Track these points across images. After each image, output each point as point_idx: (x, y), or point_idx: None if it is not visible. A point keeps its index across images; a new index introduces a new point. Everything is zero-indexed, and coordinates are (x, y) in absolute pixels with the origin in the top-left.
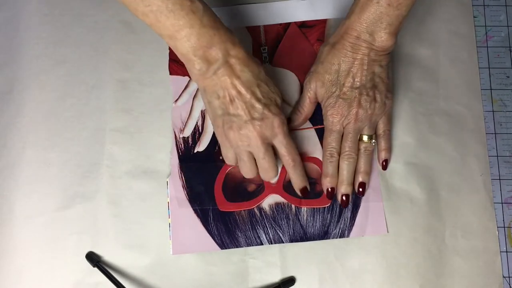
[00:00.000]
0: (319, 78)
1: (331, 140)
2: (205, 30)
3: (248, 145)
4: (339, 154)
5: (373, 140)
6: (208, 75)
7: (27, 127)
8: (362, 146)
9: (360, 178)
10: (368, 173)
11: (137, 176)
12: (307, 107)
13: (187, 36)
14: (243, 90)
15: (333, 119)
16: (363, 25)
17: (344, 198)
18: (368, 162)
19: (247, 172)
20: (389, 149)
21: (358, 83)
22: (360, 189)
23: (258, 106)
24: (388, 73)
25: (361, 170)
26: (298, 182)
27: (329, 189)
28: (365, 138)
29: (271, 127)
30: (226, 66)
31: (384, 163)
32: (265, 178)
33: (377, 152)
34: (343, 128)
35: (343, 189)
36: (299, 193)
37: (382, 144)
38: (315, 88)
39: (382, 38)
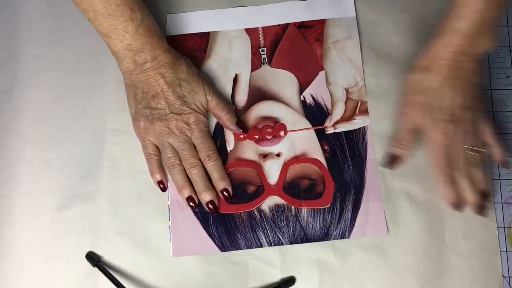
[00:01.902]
0: (419, 108)
1: (444, 163)
2: (138, 37)
3: (167, 134)
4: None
5: (483, 150)
6: (135, 73)
7: (27, 127)
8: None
9: (480, 187)
10: (485, 180)
11: (137, 176)
12: (410, 142)
13: (121, 38)
14: (165, 88)
15: (440, 141)
16: (464, 40)
17: (479, 207)
18: (479, 171)
19: (168, 159)
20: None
21: (461, 100)
22: (484, 201)
23: (176, 102)
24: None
25: (476, 181)
26: (216, 179)
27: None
28: (473, 150)
29: (187, 123)
30: (153, 68)
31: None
32: (187, 168)
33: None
34: (452, 147)
35: (471, 197)
36: (221, 194)
37: (496, 155)
38: (419, 119)
39: (485, 44)
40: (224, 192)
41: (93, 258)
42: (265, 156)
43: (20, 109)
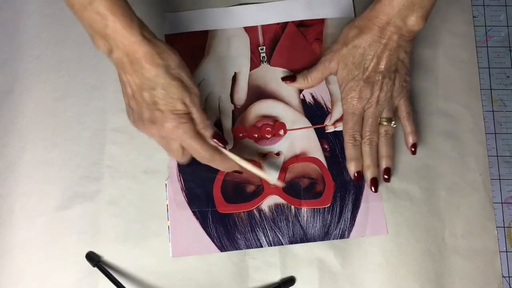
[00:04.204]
0: (342, 60)
1: (353, 123)
2: (97, 16)
3: (151, 136)
4: (362, 138)
5: (393, 123)
6: (112, 62)
7: (27, 127)
8: (383, 130)
9: (384, 164)
10: (392, 157)
11: (137, 176)
12: (315, 80)
13: (80, 14)
14: (138, 91)
15: (354, 102)
16: (395, 10)
17: (373, 182)
18: (390, 146)
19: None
20: (416, 132)
21: (382, 68)
22: (386, 176)
23: (148, 111)
24: (409, 59)
25: (384, 155)
26: (224, 169)
27: (356, 173)
28: (385, 121)
29: (165, 131)
30: (124, 62)
31: (413, 148)
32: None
33: (404, 136)
34: (364, 111)
35: (370, 172)
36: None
37: (408, 127)
38: (335, 68)
39: (413, 22)
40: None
41: (93, 258)
42: (264, 155)
43: (20, 109)
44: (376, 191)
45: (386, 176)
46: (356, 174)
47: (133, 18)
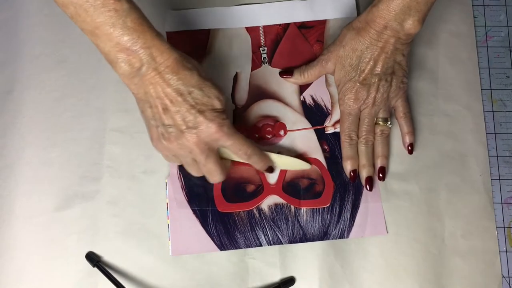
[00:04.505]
0: (339, 61)
1: (349, 123)
2: (127, 32)
3: (189, 153)
4: (358, 138)
5: (389, 123)
6: (135, 81)
7: (27, 127)
8: (379, 129)
9: (379, 163)
10: (387, 157)
11: (137, 176)
12: (311, 77)
13: (108, 35)
14: (174, 99)
15: (351, 103)
16: (392, 14)
17: (368, 181)
18: (386, 146)
19: (195, 173)
20: (413, 132)
21: (378, 70)
22: (381, 175)
23: (191, 114)
24: (408, 61)
25: (379, 154)
26: (260, 166)
27: (352, 172)
28: (381, 121)
29: (209, 134)
30: (154, 74)
31: (409, 147)
32: (211, 181)
33: (402, 136)
34: (360, 112)
35: (366, 171)
36: (264, 171)
37: (405, 127)
38: (331, 68)
39: (410, 26)
40: None
41: (93, 258)
42: None
43: (20, 109)
44: (371, 189)
45: (381, 175)
46: (352, 173)
47: (155, 29)
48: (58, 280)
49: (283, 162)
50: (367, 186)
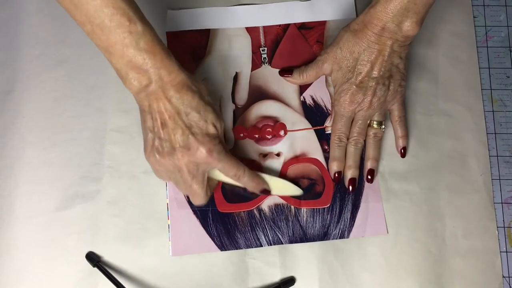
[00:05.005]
0: (337, 62)
1: (341, 125)
2: (139, 52)
3: (178, 171)
4: (348, 139)
5: (383, 126)
6: (141, 96)
7: (27, 127)
8: (372, 132)
9: (369, 165)
10: (377, 159)
11: (137, 176)
12: (309, 78)
13: (121, 53)
14: (172, 116)
15: (345, 105)
16: (389, 15)
17: (351, 182)
18: (377, 149)
19: (183, 191)
20: (407, 136)
21: (376, 74)
22: (369, 177)
23: (185, 134)
24: (405, 64)
25: (370, 157)
26: (252, 187)
27: (336, 173)
28: (375, 124)
29: (198, 157)
30: (159, 91)
31: (402, 151)
32: (193, 202)
33: (395, 140)
34: (354, 114)
35: (351, 173)
36: (260, 193)
37: (399, 131)
38: (329, 70)
39: (408, 28)
40: None
41: (93, 258)
42: (265, 155)
43: (20, 109)
44: (353, 191)
45: (369, 177)
46: (336, 174)
47: (168, 50)
48: (58, 280)
49: (274, 185)
50: (350, 187)
